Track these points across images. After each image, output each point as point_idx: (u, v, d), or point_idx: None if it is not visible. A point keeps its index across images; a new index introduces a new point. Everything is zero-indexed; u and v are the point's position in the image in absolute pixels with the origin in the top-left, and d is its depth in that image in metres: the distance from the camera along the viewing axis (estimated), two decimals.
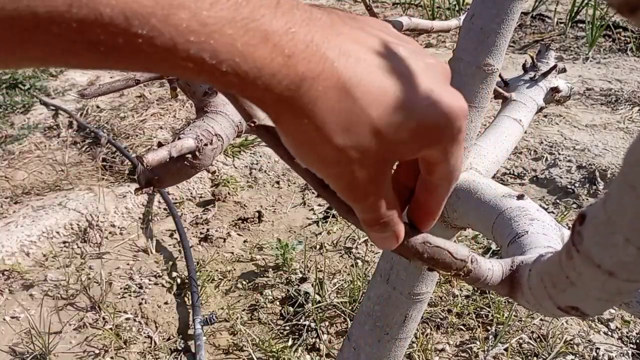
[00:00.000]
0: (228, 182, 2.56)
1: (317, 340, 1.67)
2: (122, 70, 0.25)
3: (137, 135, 3.12)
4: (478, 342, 1.61)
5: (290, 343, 1.67)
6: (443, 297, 1.80)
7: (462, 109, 0.29)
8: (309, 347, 1.66)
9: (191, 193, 2.55)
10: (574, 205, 2.22)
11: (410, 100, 0.28)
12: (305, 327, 1.71)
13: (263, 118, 0.32)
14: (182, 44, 0.23)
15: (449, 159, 0.31)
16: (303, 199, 2.45)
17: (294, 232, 2.25)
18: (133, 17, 0.22)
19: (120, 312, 1.84)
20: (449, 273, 0.37)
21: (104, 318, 1.81)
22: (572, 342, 1.59)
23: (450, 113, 0.29)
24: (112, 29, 0.21)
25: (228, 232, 2.25)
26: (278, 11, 0.25)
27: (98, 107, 3.40)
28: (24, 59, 0.22)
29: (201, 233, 2.28)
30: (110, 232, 2.29)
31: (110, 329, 1.73)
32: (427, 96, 0.28)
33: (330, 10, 0.29)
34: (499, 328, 1.65)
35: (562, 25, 4.50)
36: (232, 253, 2.14)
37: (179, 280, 1.97)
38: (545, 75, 0.91)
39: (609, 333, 1.63)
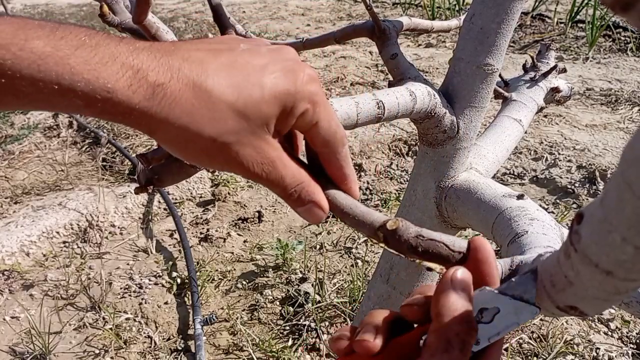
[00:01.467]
0: (228, 182, 2.56)
1: (317, 340, 1.67)
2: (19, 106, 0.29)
3: (137, 135, 3.12)
4: None
5: (290, 343, 1.67)
6: None
7: (304, 77, 0.34)
8: (309, 347, 1.66)
9: (191, 193, 2.55)
10: (574, 205, 2.22)
11: (257, 79, 0.32)
12: (305, 327, 1.71)
13: None
14: (44, 72, 0.27)
15: (317, 123, 0.35)
16: None
17: (294, 232, 2.25)
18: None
19: (120, 312, 1.84)
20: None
21: (104, 318, 1.81)
22: (572, 342, 1.59)
23: (293, 82, 0.33)
24: None
25: (228, 232, 2.25)
26: (121, 41, 0.30)
27: None
28: None
29: (201, 233, 2.28)
30: (110, 232, 2.29)
31: (110, 329, 1.74)
32: (270, 71, 0.33)
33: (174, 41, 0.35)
34: None
35: (562, 25, 4.50)
36: (232, 253, 2.14)
37: (179, 280, 1.97)
38: (545, 75, 0.91)
39: (609, 333, 1.63)
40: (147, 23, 0.51)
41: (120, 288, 1.96)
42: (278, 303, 1.85)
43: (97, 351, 1.69)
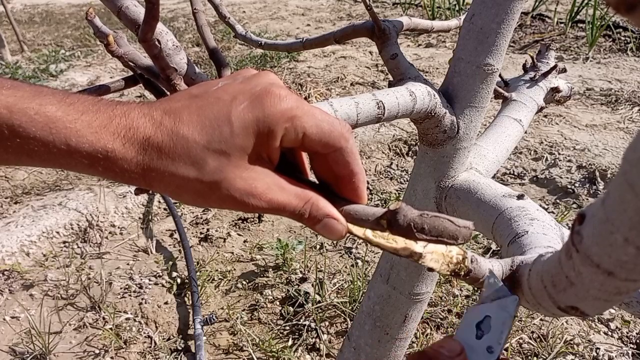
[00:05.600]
0: None
1: (317, 340, 1.67)
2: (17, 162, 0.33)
3: None
4: None
5: (290, 343, 1.67)
6: (443, 297, 1.80)
7: (272, 99, 0.34)
8: (309, 347, 1.66)
9: None
10: (574, 205, 2.22)
11: (225, 115, 0.34)
12: (305, 327, 1.71)
13: None
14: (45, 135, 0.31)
15: (304, 133, 0.35)
16: None
17: (294, 232, 2.25)
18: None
19: (120, 312, 1.84)
20: (451, 267, 0.37)
21: (104, 318, 1.81)
22: (572, 342, 1.59)
23: (261, 108, 0.34)
24: None
25: (228, 232, 2.25)
26: (117, 105, 0.34)
27: None
28: None
29: (201, 233, 2.28)
30: (110, 232, 2.29)
31: (110, 329, 1.73)
32: (238, 103, 0.34)
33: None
34: None
35: (562, 25, 4.50)
36: (232, 253, 2.14)
37: (179, 280, 1.97)
38: (545, 75, 0.90)
39: (609, 333, 1.63)
40: (152, 43, 0.52)
41: (120, 288, 1.96)
42: (278, 303, 1.85)
43: (97, 351, 1.69)
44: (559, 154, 2.53)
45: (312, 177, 0.40)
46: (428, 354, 0.34)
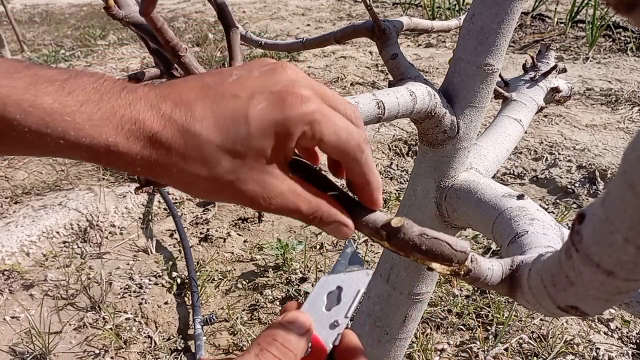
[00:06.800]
0: None
1: None
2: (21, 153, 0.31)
3: None
4: (478, 342, 1.61)
5: None
6: (443, 297, 1.80)
7: (294, 100, 0.32)
8: None
9: None
10: (574, 205, 2.22)
11: (242, 114, 0.32)
12: None
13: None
14: (49, 123, 0.29)
15: (321, 139, 0.33)
16: None
17: (294, 232, 2.25)
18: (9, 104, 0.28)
19: (120, 312, 1.84)
20: (450, 267, 0.37)
21: (104, 318, 1.81)
22: (572, 342, 1.59)
23: (281, 109, 0.32)
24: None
25: (228, 232, 2.25)
26: (122, 91, 0.31)
27: None
28: None
29: (201, 233, 2.28)
30: (110, 232, 2.29)
31: (110, 329, 1.73)
32: (256, 102, 0.32)
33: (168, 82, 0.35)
34: (499, 328, 1.65)
35: (562, 25, 4.50)
36: (232, 253, 2.14)
37: (179, 280, 1.97)
38: (545, 75, 0.90)
39: (609, 333, 1.63)
40: (154, 16, 0.51)
41: (120, 288, 1.96)
42: (278, 303, 1.85)
43: (97, 351, 1.69)
44: (559, 154, 2.53)
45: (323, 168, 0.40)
46: (279, 334, 0.34)
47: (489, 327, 1.68)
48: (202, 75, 0.35)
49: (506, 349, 1.58)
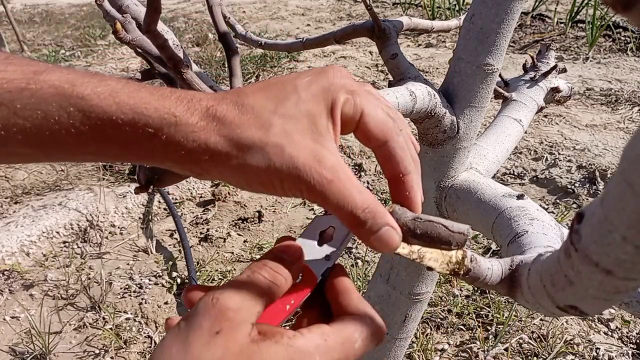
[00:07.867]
0: None
1: None
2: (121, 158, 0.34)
3: None
4: (478, 342, 1.61)
5: None
6: (443, 297, 1.80)
7: (335, 72, 0.36)
8: None
9: (191, 193, 2.55)
10: (574, 205, 2.22)
11: (291, 87, 0.35)
12: None
13: None
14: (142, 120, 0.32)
15: (363, 111, 0.35)
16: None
17: (294, 232, 2.25)
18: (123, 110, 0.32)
19: (120, 312, 1.84)
20: (450, 266, 0.37)
21: (104, 318, 1.81)
22: (572, 342, 1.59)
23: (325, 78, 0.35)
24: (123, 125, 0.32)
25: (228, 232, 2.25)
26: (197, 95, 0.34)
27: None
28: (86, 153, 0.33)
29: (201, 233, 2.28)
30: (110, 232, 2.29)
31: (110, 329, 1.73)
32: (303, 77, 0.35)
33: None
34: (499, 328, 1.65)
35: (562, 25, 4.50)
36: (232, 253, 2.14)
37: (179, 280, 1.97)
38: (545, 75, 0.91)
39: (609, 333, 1.63)
40: (156, 33, 0.52)
41: (120, 288, 1.96)
42: None
43: (97, 351, 1.69)
44: (559, 154, 2.53)
45: None
46: (270, 260, 0.34)
47: (489, 327, 1.68)
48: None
49: (506, 349, 1.58)
